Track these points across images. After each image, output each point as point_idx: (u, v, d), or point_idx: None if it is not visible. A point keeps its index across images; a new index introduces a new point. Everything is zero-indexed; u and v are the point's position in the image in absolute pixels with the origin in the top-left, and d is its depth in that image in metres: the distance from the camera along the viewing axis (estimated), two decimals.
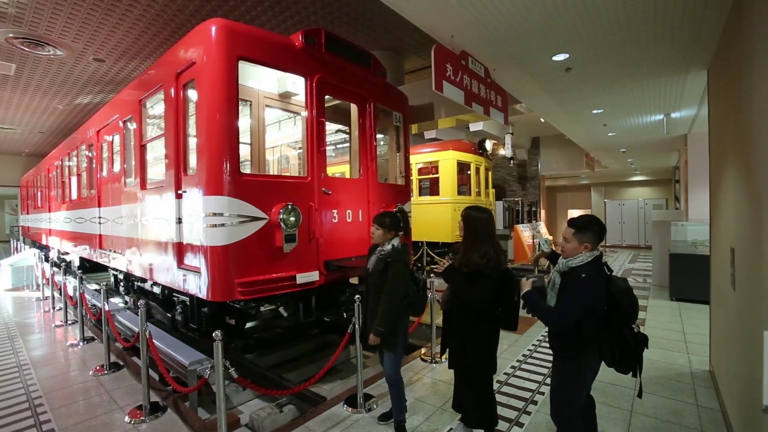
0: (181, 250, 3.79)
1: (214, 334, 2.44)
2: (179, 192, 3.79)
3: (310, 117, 3.95)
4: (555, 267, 2.28)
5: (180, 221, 3.79)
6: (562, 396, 2.21)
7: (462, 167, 10.11)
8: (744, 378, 2.42)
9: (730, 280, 2.77)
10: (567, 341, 2.16)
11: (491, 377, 2.65)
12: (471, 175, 10.28)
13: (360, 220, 4.49)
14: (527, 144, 14.11)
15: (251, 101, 4.82)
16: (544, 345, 4.67)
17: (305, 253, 3.83)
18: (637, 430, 2.90)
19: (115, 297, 6.97)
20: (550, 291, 2.24)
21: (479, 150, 10.55)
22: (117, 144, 5.38)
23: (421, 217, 9.64)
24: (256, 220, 3.48)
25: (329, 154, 5.78)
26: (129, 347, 5.05)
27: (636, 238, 16.69)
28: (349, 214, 4.39)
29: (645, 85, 4.66)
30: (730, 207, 2.87)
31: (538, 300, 2.19)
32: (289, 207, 3.58)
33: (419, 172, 10.37)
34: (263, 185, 3.60)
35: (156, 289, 4.88)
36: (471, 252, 2.48)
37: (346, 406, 3.33)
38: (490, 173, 11.36)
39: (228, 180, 3.32)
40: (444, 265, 2.72)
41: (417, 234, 8.79)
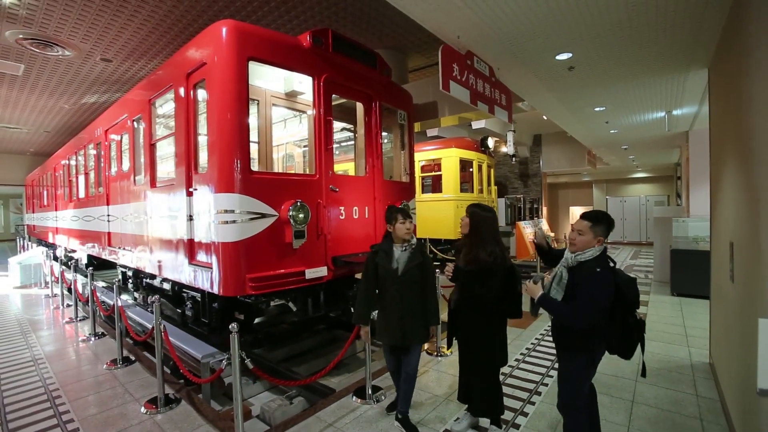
0: (193, 246, 3.88)
1: (230, 326, 2.53)
2: (190, 190, 3.87)
3: (317, 116, 4.02)
4: (562, 261, 2.25)
5: (191, 218, 3.88)
6: (571, 388, 2.23)
7: (464, 165, 10.19)
8: (742, 368, 2.50)
9: (729, 273, 2.84)
10: (576, 336, 2.16)
11: (498, 368, 2.74)
12: (473, 173, 10.35)
13: (366, 216, 4.57)
14: (529, 141, 14.16)
15: (258, 100, 4.90)
16: (547, 339, 4.76)
17: (314, 249, 3.92)
18: (639, 419, 2.99)
19: (124, 294, 7.07)
20: (556, 286, 2.21)
21: (482, 147, 10.61)
22: (126, 143, 5.46)
23: (424, 214, 9.73)
24: (266, 216, 3.56)
25: (334, 152, 5.84)
26: (140, 342, 5.16)
27: (637, 234, 16.75)
28: (356, 210, 4.47)
29: (646, 84, 4.72)
30: (729, 202, 2.95)
31: (556, 302, 2.16)
32: (299, 204, 3.67)
33: (422, 169, 10.45)
34: (273, 183, 3.68)
35: (166, 286, 4.98)
36: (478, 250, 2.57)
37: (355, 397, 3.43)
38: (492, 170, 11.43)
39: (239, 178, 3.40)
40: (451, 269, 2.69)
41: (420, 231, 8.87)
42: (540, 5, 2.89)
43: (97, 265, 7.45)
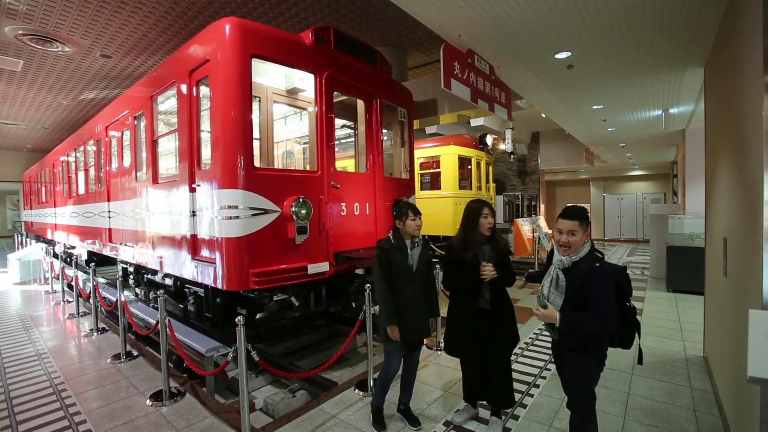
0: (196, 242, 3.92)
1: (237, 319, 2.58)
2: (193, 186, 3.91)
3: (319, 113, 4.06)
4: (555, 263, 2.18)
5: (194, 214, 3.92)
6: (585, 389, 2.17)
7: (463, 162, 10.23)
8: (734, 359, 2.58)
9: (722, 269, 2.92)
10: (586, 337, 2.09)
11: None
12: (472, 170, 10.41)
13: (367, 213, 4.62)
14: (527, 139, 14.23)
15: (260, 97, 4.93)
16: (545, 334, 4.84)
17: (316, 245, 3.96)
18: (634, 410, 3.07)
19: (125, 290, 7.10)
20: (554, 291, 2.14)
21: (480, 145, 10.66)
22: (127, 139, 5.48)
23: (423, 211, 9.73)
24: (269, 212, 3.61)
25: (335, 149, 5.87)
26: (142, 336, 5.21)
27: (634, 232, 16.89)
28: (357, 207, 4.52)
29: (644, 82, 4.79)
30: (723, 199, 3.02)
31: (577, 317, 2.04)
32: (301, 200, 3.71)
33: (421, 166, 10.49)
34: (276, 179, 3.72)
35: (168, 281, 5.02)
36: (501, 240, 2.79)
37: (357, 390, 3.49)
38: (490, 168, 11.49)
39: (242, 174, 3.44)
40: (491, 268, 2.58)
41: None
42: (540, 4, 2.94)
43: (97, 262, 7.47)
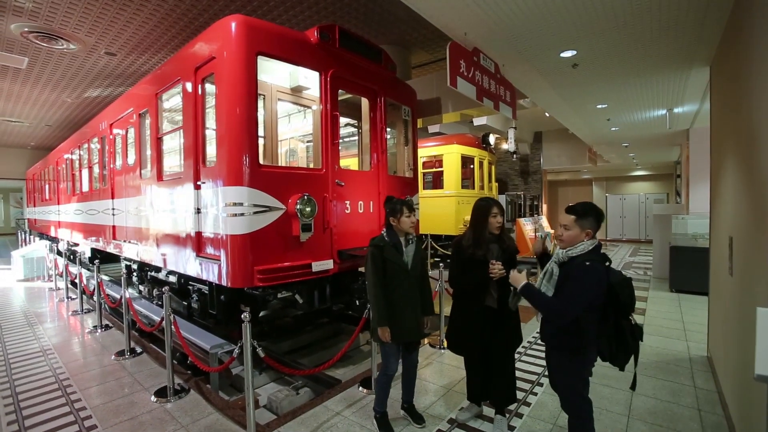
0: (200, 239, 3.93)
1: (242, 315, 2.58)
2: (198, 183, 3.92)
3: (324, 111, 4.06)
4: (553, 258, 2.16)
5: (199, 211, 3.93)
6: (571, 389, 2.16)
7: (466, 161, 10.23)
8: (739, 359, 2.58)
9: (728, 268, 2.91)
10: (564, 335, 2.07)
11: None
12: (474, 169, 10.40)
13: (371, 211, 4.62)
14: (530, 139, 14.21)
15: (264, 95, 4.93)
16: None
17: (320, 243, 3.97)
18: (638, 409, 3.07)
19: (129, 288, 7.12)
20: (546, 283, 2.11)
21: (483, 144, 10.66)
22: (132, 136, 5.50)
23: (426, 211, 9.78)
24: (273, 210, 3.61)
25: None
26: (146, 333, 5.23)
27: (636, 232, 16.85)
28: (361, 205, 4.53)
29: (649, 81, 4.77)
30: (729, 198, 3.01)
31: (538, 292, 2.08)
32: (306, 197, 3.72)
33: (423, 165, 10.49)
34: (280, 176, 3.73)
35: (172, 278, 5.03)
36: (509, 239, 2.83)
37: (361, 387, 3.50)
38: (493, 167, 11.48)
39: (247, 171, 3.45)
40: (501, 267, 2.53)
41: (421, 227, 8.92)
42: (546, 3, 2.93)
43: (101, 259, 7.50)
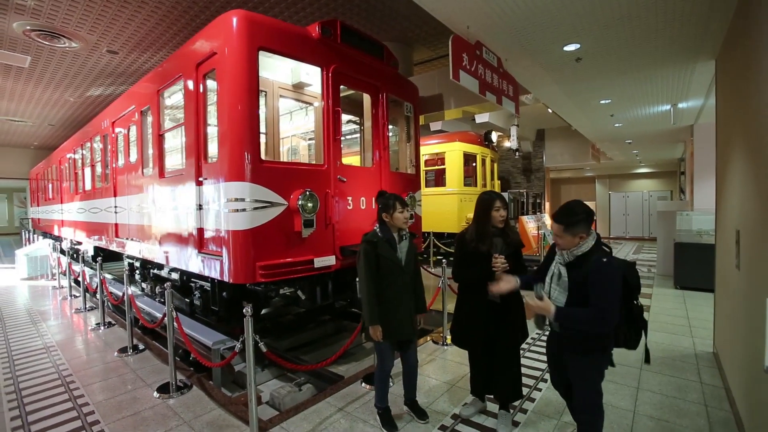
0: (202, 235, 3.93)
1: (244, 310, 2.57)
2: (200, 179, 3.91)
3: (326, 106, 4.04)
4: (557, 258, 2.10)
5: (201, 208, 3.92)
6: (591, 389, 2.10)
7: (468, 158, 10.20)
8: (746, 353, 2.55)
9: (734, 262, 2.88)
10: (595, 338, 2.00)
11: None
12: (477, 167, 10.37)
13: (373, 207, 4.60)
14: (532, 136, 14.15)
15: (266, 91, 4.92)
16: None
17: (322, 239, 3.96)
18: (644, 404, 3.04)
19: (131, 285, 7.14)
20: (556, 286, 2.05)
21: (485, 141, 10.62)
22: (133, 134, 5.50)
23: (428, 208, 9.75)
24: (275, 205, 3.60)
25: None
26: (148, 330, 5.23)
27: (640, 229, 16.77)
28: (363, 201, 4.51)
29: (653, 76, 4.73)
30: (736, 191, 2.98)
31: (575, 312, 1.96)
32: (308, 193, 3.71)
33: (426, 163, 10.46)
34: (282, 172, 3.72)
35: (174, 275, 5.03)
36: (514, 233, 2.75)
37: (363, 383, 3.48)
38: (495, 165, 11.44)
39: (249, 166, 3.44)
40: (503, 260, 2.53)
41: (424, 225, 8.90)
42: None
43: (104, 257, 7.52)
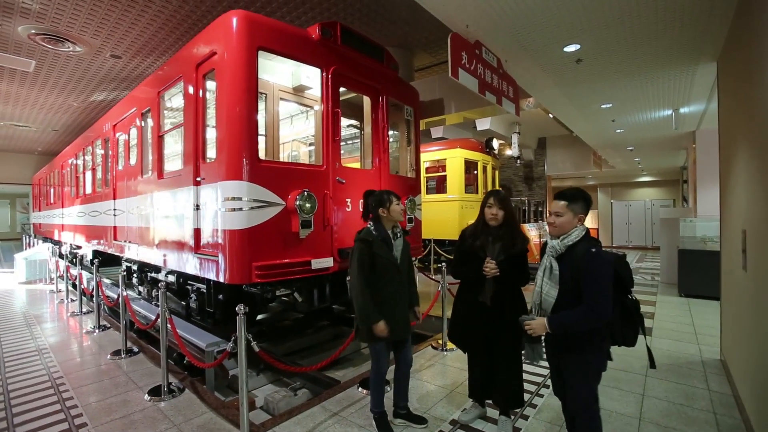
0: (199, 236, 3.88)
1: (237, 307, 2.51)
2: (197, 179, 3.88)
3: (325, 107, 4.03)
4: (548, 251, 2.06)
5: (198, 208, 3.89)
6: (588, 391, 2.02)
7: (469, 166, 10.17)
8: (756, 358, 2.45)
9: (741, 262, 2.80)
10: (585, 334, 1.94)
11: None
12: (478, 174, 10.33)
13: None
14: (533, 144, 14.14)
15: (266, 94, 4.92)
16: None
17: (320, 240, 3.91)
18: (650, 411, 2.94)
19: (128, 290, 7.07)
20: (547, 280, 2.00)
21: (486, 148, 10.61)
22: (134, 137, 5.50)
23: (429, 216, 9.70)
24: (273, 205, 3.56)
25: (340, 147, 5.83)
26: (144, 333, 5.16)
27: (643, 238, 16.63)
28: (362, 204, 4.45)
29: (654, 78, 4.71)
30: (741, 190, 2.92)
31: (567, 317, 1.92)
32: (306, 193, 3.67)
33: (427, 171, 10.44)
34: (280, 172, 3.68)
35: (171, 278, 4.98)
36: (519, 238, 2.57)
37: (360, 388, 3.39)
38: (497, 172, 11.41)
39: (246, 165, 3.41)
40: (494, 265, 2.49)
41: (424, 232, 8.83)
42: None
43: (103, 262, 7.48)
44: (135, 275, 6.14)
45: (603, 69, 4.33)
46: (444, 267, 4.40)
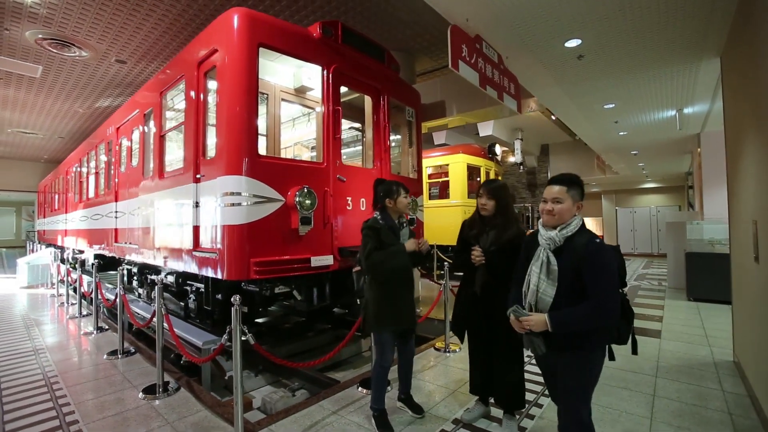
0: (198, 233, 3.85)
1: (232, 298, 2.45)
2: (197, 176, 3.87)
3: (326, 105, 4.03)
4: (543, 244, 1.83)
5: (197, 205, 3.86)
6: (582, 398, 1.79)
7: (472, 171, 10.14)
8: None
9: (752, 254, 2.72)
10: (599, 332, 1.75)
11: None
12: (481, 179, 10.29)
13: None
14: (537, 151, 14.12)
15: (268, 94, 4.94)
16: None
17: (320, 238, 3.86)
18: (662, 411, 2.82)
19: (128, 293, 7.02)
20: (545, 278, 1.77)
21: (489, 154, 10.59)
22: (136, 138, 5.52)
23: (432, 221, 9.63)
24: (272, 201, 3.52)
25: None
26: (142, 336, 5.09)
27: (648, 245, 16.41)
28: (363, 202, 4.42)
29: (657, 76, 4.67)
30: (751, 180, 2.84)
31: (571, 314, 1.70)
32: (306, 190, 3.63)
33: (429, 177, 10.41)
34: (280, 168, 3.66)
35: (170, 278, 4.93)
36: (512, 228, 2.49)
37: (360, 388, 3.30)
38: (500, 178, 11.36)
39: (246, 160, 3.39)
40: (480, 253, 2.49)
41: (427, 237, 8.75)
42: None
43: (104, 266, 7.45)
44: (135, 278, 6.10)
45: (605, 65, 4.30)
46: (446, 268, 4.32)
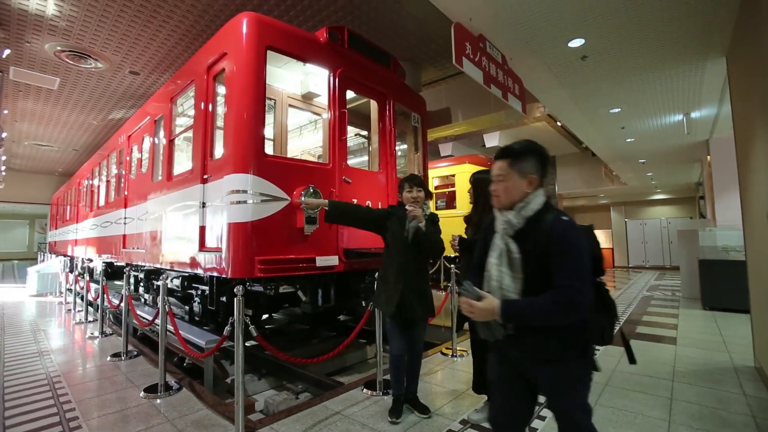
0: (204, 233, 3.86)
1: (235, 289, 2.43)
2: (204, 177, 3.91)
3: (332, 107, 4.09)
4: (500, 230, 1.53)
5: (204, 205, 3.89)
6: (579, 407, 1.49)
7: None
8: None
9: None
10: (569, 335, 1.43)
11: None
12: None
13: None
14: None
15: (275, 100, 5.03)
16: None
17: (325, 238, 3.84)
18: (680, 414, 2.69)
19: (133, 300, 7.03)
20: (507, 270, 1.47)
21: None
22: (147, 145, 5.63)
23: None
24: (278, 200, 3.53)
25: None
26: (146, 340, 5.07)
27: (660, 258, 16.07)
28: (369, 205, 4.41)
29: (663, 77, 4.66)
30: (764, 180, 2.78)
31: (529, 304, 1.42)
32: (311, 189, 3.65)
33: (435, 188, 10.41)
34: (286, 167, 3.68)
35: (176, 282, 4.94)
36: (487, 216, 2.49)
37: (365, 389, 3.23)
38: None
39: (252, 158, 3.42)
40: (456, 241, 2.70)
41: None
42: None
43: (113, 274, 7.50)
44: (141, 284, 6.12)
45: (609, 66, 4.31)
46: (453, 272, 4.27)
